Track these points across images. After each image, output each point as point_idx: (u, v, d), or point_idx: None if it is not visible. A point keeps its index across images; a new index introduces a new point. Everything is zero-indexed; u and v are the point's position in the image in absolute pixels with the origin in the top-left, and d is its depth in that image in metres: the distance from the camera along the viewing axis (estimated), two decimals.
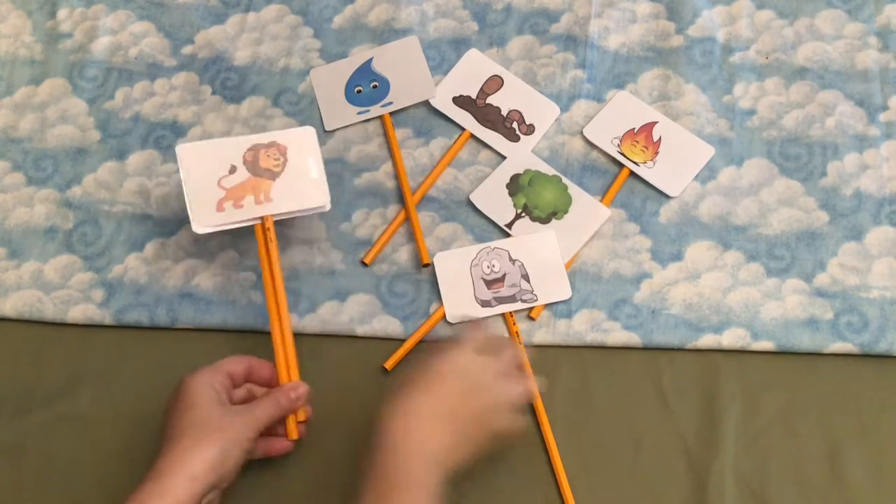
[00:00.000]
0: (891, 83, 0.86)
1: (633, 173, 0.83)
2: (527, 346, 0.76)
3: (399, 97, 0.88)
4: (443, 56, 0.90)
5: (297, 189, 0.77)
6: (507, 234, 0.81)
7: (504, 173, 0.83)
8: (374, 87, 0.88)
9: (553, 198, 0.82)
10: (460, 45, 0.91)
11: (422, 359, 0.68)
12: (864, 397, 0.74)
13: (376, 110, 0.87)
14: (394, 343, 0.77)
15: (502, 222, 0.81)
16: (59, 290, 0.80)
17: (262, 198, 0.76)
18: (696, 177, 0.83)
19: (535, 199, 0.82)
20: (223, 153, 0.77)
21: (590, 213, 0.81)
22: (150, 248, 0.82)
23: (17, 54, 0.92)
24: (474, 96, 0.88)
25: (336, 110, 0.88)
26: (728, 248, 0.80)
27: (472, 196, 0.83)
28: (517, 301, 0.78)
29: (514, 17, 0.92)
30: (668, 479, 0.71)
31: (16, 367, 0.78)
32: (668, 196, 0.82)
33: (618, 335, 0.77)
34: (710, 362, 0.76)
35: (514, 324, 0.77)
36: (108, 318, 0.79)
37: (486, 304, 0.78)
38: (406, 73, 0.89)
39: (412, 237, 0.81)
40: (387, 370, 0.76)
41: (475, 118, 0.86)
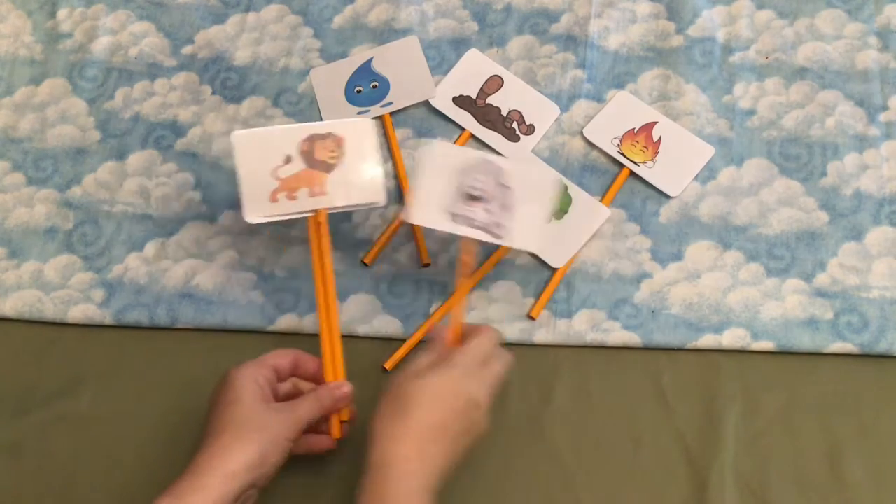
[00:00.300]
0: (891, 83, 0.86)
1: (633, 173, 0.83)
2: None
3: (399, 97, 0.88)
4: (443, 56, 0.90)
5: (352, 183, 0.74)
6: None
7: None
8: (374, 87, 0.88)
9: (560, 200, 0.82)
10: (460, 45, 0.91)
11: (421, 369, 0.65)
12: (864, 397, 0.74)
13: (376, 110, 0.87)
14: (394, 343, 0.77)
15: None
16: (59, 290, 0.80)
17: (316, 190, 0.73)
18: (696, 177, 0.83)
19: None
20: (279, 142, 0.74)
21: (590, 213, 0.81)
22: (150, 248, 0.82)
23: (17, 54, 0.93)
24: (474, 96, 0.88)
25: (336, 110, 0.88)
26: (728, 248, 0.80)
27: None
28: (484, 231, 0.72)
29: (514, 17, 0.92)
30: (668, 479, 0.71)
31: (16, 367, 0.78)
32: (668, 196, 0.82)
33: (618, 335, 0.77)
34: (710, 362, 0.76)
35: (467, 252, 0.72)
36: (108, 318, 0.79)
37: (455, 217, 0.71)
38: (406, 73, 0.89)
39: (412, 237, 0.81)
40: (387, 370, 0.76)
41: (475, 118, 0.86)
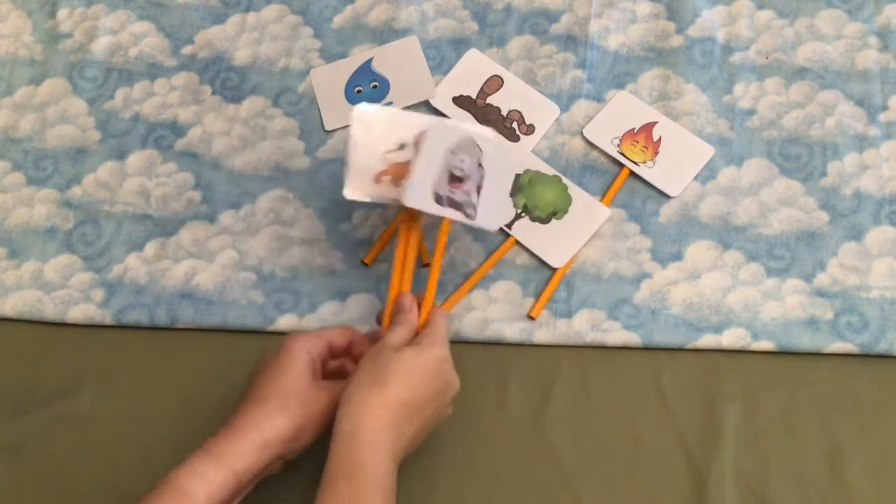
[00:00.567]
0: (891, 83, 0.86)
1: (633, 173, 0.83)
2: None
3: (399, 97, 0.88)
4: (443, 56, 0.90)
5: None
6: (508, 235, 0.81)
7: None
8: (374, 87, 0.88)
9: (553, 198, 0.82)
10: (460, 45, 0.91)
11: (397, 343, 0.65)
12: (864, 397, 0.74)
13: None
14: None
15: (503, 223, 0.81)
16: (59, 290, 0.80)
17: None
18: (696, 177, 0.83)
19: (535, 199, 0.82)
20: (397, 126, 0.73)
21: (590, 213, 0.81)
22: (150, 248, 0.82)
23: (17, 54, 0.93)
24: (474, 96, 0.88)
25: (336, 110, 0.88)
26: (728, 248, 0.80)
27: None
28: (461, 212, 0.70)
29: (514, 17, 0.92)
30: (668, 479, 0.71)
31: (16, 367, 0.78)
32: (668, 196, 0.82)
33: (618, 335, 0.77)
34: (710, 362, 0.76)
35: (445, 234, 0.72)
36: (108, 318, 0.79)
37: (438, 199, 0.70)
38: (406, 73, 0.89)
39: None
40: None
41: (475, 118, 0.86)
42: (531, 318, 0.78)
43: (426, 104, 0.88)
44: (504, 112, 0.87)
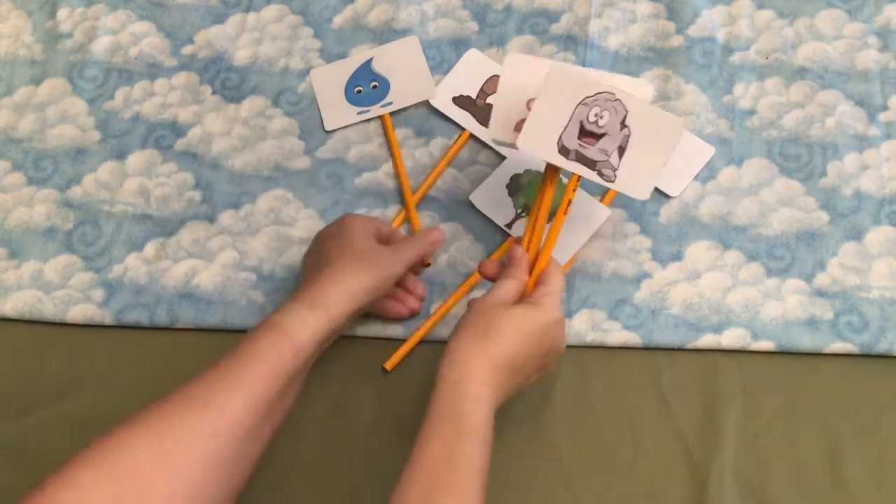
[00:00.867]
0: (891, 83, 0.86)
1: None
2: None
3: (399, 97, 0.88)
4: (443, 56, 0.90)
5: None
6: (507, 235, 0.81)
7: (504, 173, 0.83)
8: (374, 87, 0.88)
9: (553, 198, 0.81)
10: (460, 45, 0.91)
11: (507, 299, 0.66)
12: (864, 397, 0.74)
13: (376, 110, 0.87)
14: (394, 343, 0.77)
15: (502, 222, 0.81)
16: (59, 290, 0.80)
17: None
18: (696, 177, 0.83)
19: (535, 199, 0.81)
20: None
21: (590, 213, 0.81)
22: (150, 248, 0.82)
23: (17, 54, 0.93)
24: (474, 96, 0.88)
25: (336, 110, 0.88)
26: (728, 248, 0.80)
27: (472, 196, 0.82)
28: (594, 170, 0.68)
29: (514, 17, 0.92)
30: (668, 479, 0.71)
31: (16, 367, 0.78)
32: (668, 196, 0.82)
33: (618, 335, 0.77)
34: (710, 362, 0.76)
35: (574, 190, 0.69)
36: (108, 318, 0.79)
37: (564, 151, 0.67)
38: (406, 73, 0.89)
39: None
40: (387, 370, 0.76)
41: (475, 118, 0.86)
42: None
43: (426, 104, 0.88)
44: None
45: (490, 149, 0.85)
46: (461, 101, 0.87)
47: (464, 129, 0.86)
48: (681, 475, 0.71)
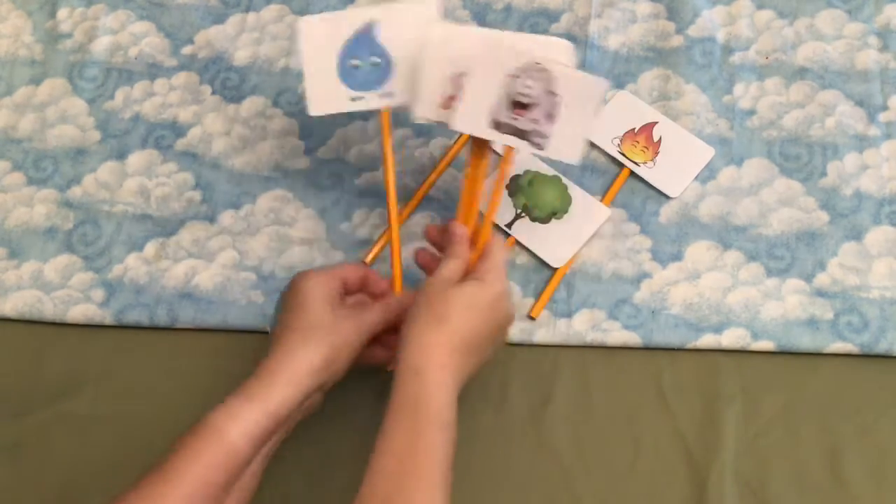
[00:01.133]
0: (891, 83, 0.86)
1: (633, 173, 0.83)
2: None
3: (401, 89, 0.73)
4: None
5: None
6: (508, 235, 0.81)
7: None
8: (375, 64, 0.73)
9: (553, 198, 0.82)
10: None
11: (453, 276, 0.65)
12: (864, 397, 0.74)
13: (373, 99, 0.74)
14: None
15: (502, 222, 0.81)
16: (59, 290, 0.80)
17: None
18: (696, 177, 0.83)
19: (535, 199, 0.82)
20: (460, 48, 0.68)
21: (590, 213, 0.81)
22: (150, 248, 0.82)
23: (17, 54, 0.93)
24: None
25: (325, 88, 0.73)
26: (728, 248, 0.80)
27: None
28: (525, 140, 0.67)
29: (514, 17, 0.92)
30: (668, 479, 0.71)
31: (16, 367, 0.78)
32: (668, 196, 0.82)
33: (618, 335, 0.77)
34: (710, 362, 0.76)
35: (508, 163, 0.69)
36: (108, 318, 0.79)
37: (496, 125, 0.66)
38: (416, 53, 0.71)
39: (412, 237, 0.81)
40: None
41: None
42: (531, 318, 0.78)
43: None
44: None
45: (492, 150, 0.85)
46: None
47: None
48: (681, 475, 0.71)
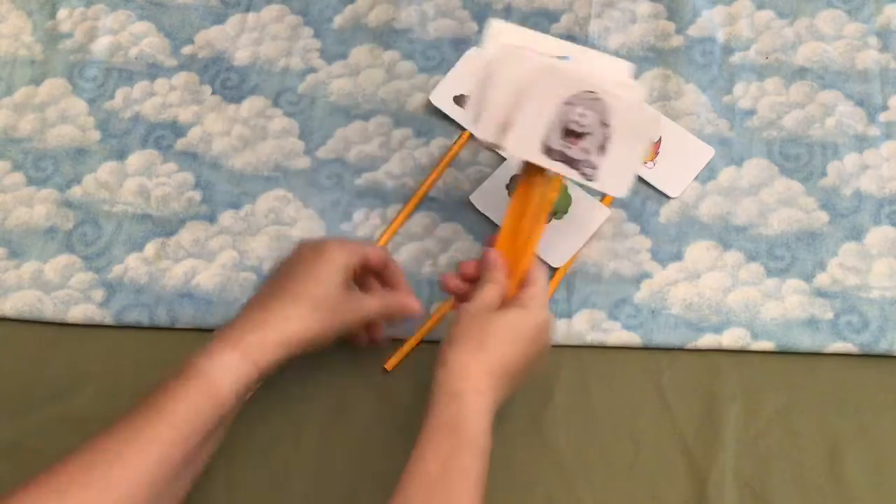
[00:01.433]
0: (891, 83, 0.86)
1: None
2: None
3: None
4: (443, 56, 0.90)
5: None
6: None
7: (504, 173, 0.83)
8: None
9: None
10: (460, 45, 0.90)
11: (492, 303, 0.65)
12: (864, 397, 0.74)
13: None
14: (394, 343, 0.77)
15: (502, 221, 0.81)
16: (59, 290, 0.80)
17: None
18: (696, 177, 0.83)
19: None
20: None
21: (590, 213, 0.81)
22: (150, 248, 0.82)
23: (17, 54, 0.93)
24: None
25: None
26: (728, 248, 0.80)
27: (472, 196, 0.82)
28: (576, 169, 0.67)
29: (514, 17, 0.92)
30: (668, 479, 0.71)
31: (16, 367, 0.78)
32: (668, 196, 0.82)
33: (618, 335, 0.77)
34: (710, 362, 0.76)
35: (556, 191, 0.69)
36: (108, 318, 0.79)
37: (548, 152, 0.66)
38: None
39: (413, 237, 0.81)
40: (387, 370, 0.76)
41: None
42: None
43: (427, 104, 0.87)
44: None
45: (493, 151, 0.85)
46: (461, 100, 0.87)
47: (464, 129, 0.86)
48: (681, 475, 0.71)
